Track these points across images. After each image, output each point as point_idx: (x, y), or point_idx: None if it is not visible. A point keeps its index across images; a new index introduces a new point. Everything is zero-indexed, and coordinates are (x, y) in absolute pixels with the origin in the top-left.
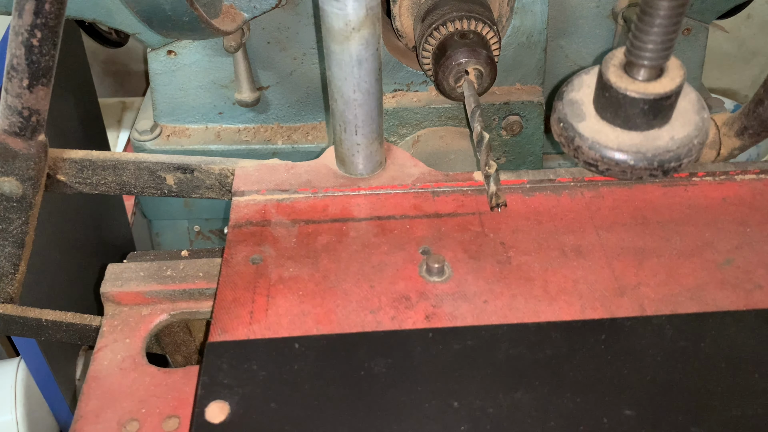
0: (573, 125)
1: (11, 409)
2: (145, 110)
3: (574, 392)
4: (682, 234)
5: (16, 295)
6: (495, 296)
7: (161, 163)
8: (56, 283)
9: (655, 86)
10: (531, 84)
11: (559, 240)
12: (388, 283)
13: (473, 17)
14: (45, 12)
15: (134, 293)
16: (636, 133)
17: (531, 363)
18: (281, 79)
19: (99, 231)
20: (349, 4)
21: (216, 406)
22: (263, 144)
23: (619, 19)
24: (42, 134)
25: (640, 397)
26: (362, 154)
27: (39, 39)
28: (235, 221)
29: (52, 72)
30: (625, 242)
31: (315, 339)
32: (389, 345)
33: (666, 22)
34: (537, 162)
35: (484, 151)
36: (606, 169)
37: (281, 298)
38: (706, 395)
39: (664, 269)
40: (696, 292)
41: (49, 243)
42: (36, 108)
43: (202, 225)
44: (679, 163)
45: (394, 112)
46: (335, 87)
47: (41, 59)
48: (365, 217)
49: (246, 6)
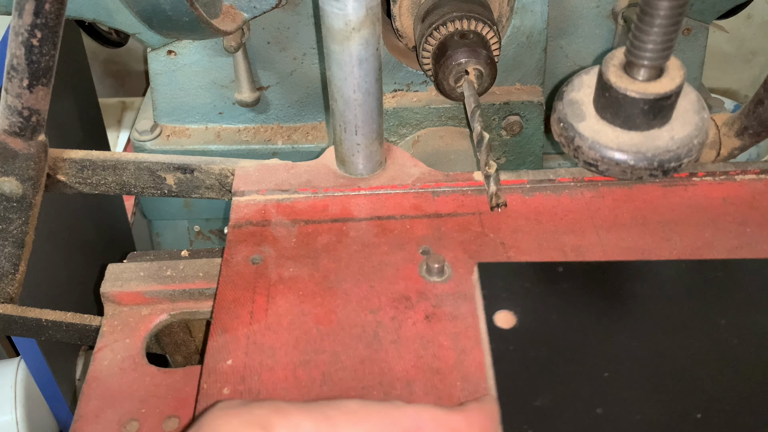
0: (573, 125)
1: (11, 409)
2: (145, 110)
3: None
4: (682, 234)
5: (16, 295)
6: None
7: (161, 163)
8: (56, 283)
9: (655, 86)
10: (531, 84)
11: (559, 240)
12: (388, 283)
13: (473, 17)
14: (45, 12)
15: (134, 293)
16: (636, 133)
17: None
18: (281, 79)
19: (99, 231)
20: (349, 4)
21: (503, 315)
22: (263, 144)
23: (619, 19)
24: (42, 134)
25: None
26: (362, 154)
27: (39, 39)
28: (235, 221)
29: (53, 72)
30: (626, 242)
31: (576, 264)
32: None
33: (666, 22)
34: (537, 162)
35: (484, 151)
36: (606, 169)
37: (281, 298)
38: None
39: None
40: None
41: (49, 243)
42: (36, 108)
43: (202, 225)
44: (680, 163)
45: (394, 112)
46: (335, 87)
47: (41, 59)
48: (365, 217)
49: (246, 6)
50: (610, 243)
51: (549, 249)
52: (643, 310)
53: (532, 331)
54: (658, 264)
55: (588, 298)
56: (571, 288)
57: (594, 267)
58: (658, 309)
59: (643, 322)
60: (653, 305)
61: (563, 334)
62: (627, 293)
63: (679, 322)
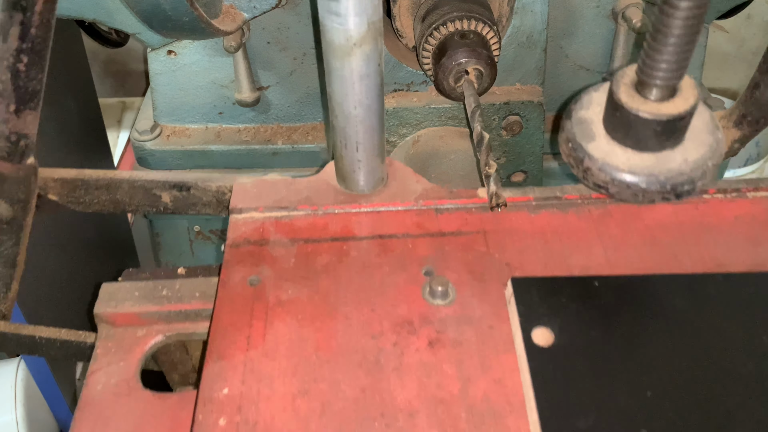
0: (582, 145)
1: (11, 409)
2: (145, 110)
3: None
4: (693, 254)
5: (8, 312)
6: (501, 321)
7: (156, 181)
8: (56, 283)
9: (668, 107)
10: (531, 84)
11: (566, 261)
12: (390, 306)
13: (473, 17)
14: (31, 36)
15: (129, 314)
16: (648, 155)
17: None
18: (281, 79)
19: (99, 231)
20: (351, 19)
21: (540, 332)
22: (263, 144)
23: (619, 19)
24: (31, 157)
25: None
26: (363, 170)
27: (25, 64)
28: (232, 240)
29: (40, 95)
30: (634, 262)
31: (612, 279)
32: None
33: (681, 40)
34: (537, 162)
35: (484, 151)
36: (617, 192)
37: (279, 323)
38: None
39: None
40: None
41: (50, 243)
42: (24, 132)
43: (202, 225)
44: (693, 186)
45: (394, 112)
46: (335, 102)
47: (28, 84)
48: (366, 236)
49: (246, 6)
50: (618, 263)
51: (556, 269)
52: (683, 325)
53: (571, 348)
54: (695, 277)
55: (626, 313)
56: (608, 303)
57: (631, 281)
58: (698, 323)
59: (684, 337)
60: (693, 319)
61: (603, 350)
62: (666, 307)
63: (719, 336)
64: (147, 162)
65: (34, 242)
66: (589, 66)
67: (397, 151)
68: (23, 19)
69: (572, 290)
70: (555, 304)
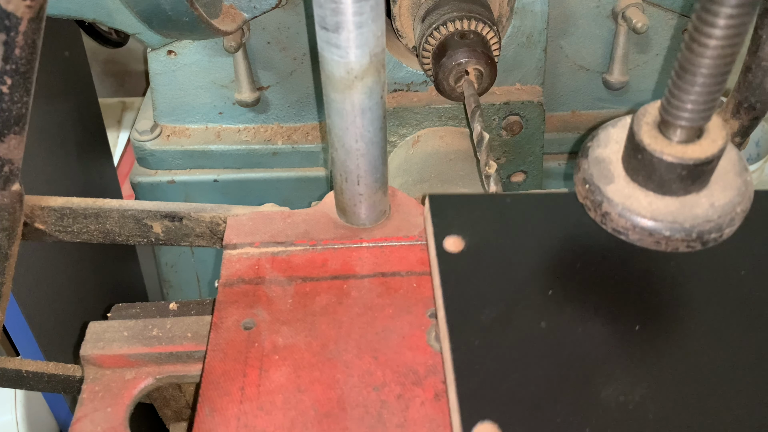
0: (600, 188)
1: (11, 409)
2: (145, 110)
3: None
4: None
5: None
6: None
7: (147, 211)
8: (55, 283)
9: (695, 149)
10: (531, 84)
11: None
12: (393, 353)
13: (473, 17)
14: (15, 57)
15: (117, 356)
16: (671, 199)
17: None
18: (281, 79)
19: None
20: (351, 52)
21: (452, 240)
22: (263, 144)
23: (619, 20)
24: (17, 183)
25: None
26: (365, 204)
27: (9, 86)
28: (226, 279)
29: (26, 119)
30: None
31: (525, 195)
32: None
33: (709, 80)
34: (537, 162)
35: (484, 151)
36: (638, 239)
37: (275, 371)
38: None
39: None
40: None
41: (49, 244)
42: (8, 158)
43: None
44: (720, 233)
45: (394, 112)
46: (335, 136)
47: (12, 107)
48: (368, 274)
49: (246, 6)
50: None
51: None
52: (593, 232)
53: (480, 253)
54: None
55: (536, 223)
56: (519, 216)
57: (543, 197)
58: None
59: (592, 244)
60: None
61: (510, 254)
62: (580, 217)
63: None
64: (147, 162)
65: (34, 242)
66: (589, 66)
67: (397, 151)
68: (6, 39)
69: (485, 204)
70: (468, 216)
